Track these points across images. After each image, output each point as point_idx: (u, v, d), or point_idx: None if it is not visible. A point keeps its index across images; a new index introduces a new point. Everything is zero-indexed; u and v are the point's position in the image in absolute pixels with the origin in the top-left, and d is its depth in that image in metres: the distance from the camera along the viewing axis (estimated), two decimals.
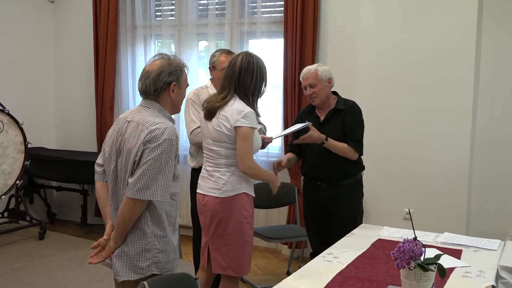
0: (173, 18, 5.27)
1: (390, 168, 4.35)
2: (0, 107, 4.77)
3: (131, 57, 5.46)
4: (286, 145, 4.52)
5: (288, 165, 3.46)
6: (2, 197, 4.80)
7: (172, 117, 2.31)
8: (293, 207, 4.55)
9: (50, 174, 5.46)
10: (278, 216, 4.82)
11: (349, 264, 2.40)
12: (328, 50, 4.54)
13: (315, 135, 3.16)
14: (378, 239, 2.82)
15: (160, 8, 5.32)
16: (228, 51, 3.50)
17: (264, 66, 2.88)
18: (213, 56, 3.50)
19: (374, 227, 3.12)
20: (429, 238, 2.83)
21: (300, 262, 4.44)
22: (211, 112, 2.84)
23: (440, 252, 1.99)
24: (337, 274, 2.26)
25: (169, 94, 2.26)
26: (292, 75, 4.50)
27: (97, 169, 2.37)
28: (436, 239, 2.83)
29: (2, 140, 4.74)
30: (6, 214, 5.31)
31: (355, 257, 2.49)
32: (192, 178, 3.52)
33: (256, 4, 4.81)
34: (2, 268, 4.33)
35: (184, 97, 2.39)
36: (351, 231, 3.01)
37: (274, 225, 4.67)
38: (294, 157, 3.45)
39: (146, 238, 2.20)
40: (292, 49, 4.50)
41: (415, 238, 1.85)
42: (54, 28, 5.97)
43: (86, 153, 5.56)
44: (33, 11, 5.76)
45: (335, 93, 3.39)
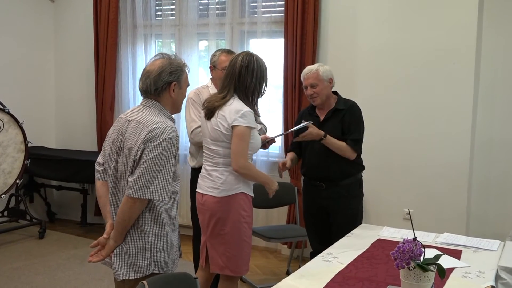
0: (174, 18, 5.27)
1: (390, 168, 4.35)
2: (1, 106, 4.77)
3: (132, 57, 5.46)
4: (286, 145, 4.53)
5: (291, 165, 3.46)
6: (2, 196, 4.80)
7: (173, 117, 2.31)
8: (293, 207, 4.55)
9: (50, 173, 5.46)
10: (278, 216, 4.82)
11: (349, 264, 2.40)
12: (329, 50, 4.54)
13: (314, 132, 3.17)
14: (378, 239, 2.82)
15: (161, 8, 5.32)
16: (229, 51, 3.51)
17: (265, 66, 2.88)
18: (214, 56, 3.51)
19: (374, 227, 3.12)
20: (429, 239, 2.83)
21: (300, 262, 4.44)
22: (211, 112, 2.84)
23: (440, 253, 1.99)
24: (337, 274, 2.26)
25: (170, 94, 2.26)
26: (293, 75, 4.50)
27: (98, 168, 2.37)
28: (436, 240, 2.83)
29: (2, 139, 4.74)
30: (6, 213, 5.32)
31: (355, 257, 2.49)
32: (192, 178, 3.52)
33: (257, 4, 4.81)
34: (2, 267, 4.33)
35: (185, 97, 2.39)
36: (351, 231, 3.01)
37: (274, 225, 4.67)
38: (295, 157, 3.46)
39: (146, 237, 2.20)
40: (293, 49, 4.50)
41: (415, 238, 1.85)
42: (55, 28, 5.97)
43: (86, 153, 5.56)
44: (33, 11, 5.76)
45: (336, 93, 3.39)
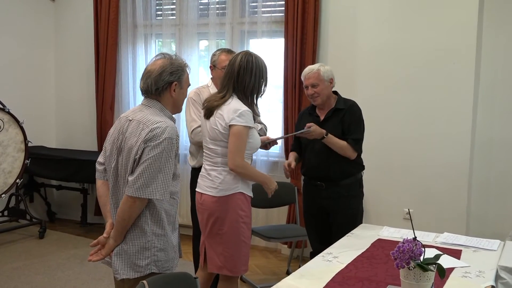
0: (174, 18, 5.27)
1: (390, 168, 4.35)
2: (1, 106, 4.77)
3: (132, 56, 5.44)
4: (286, 145, 4.53)
5: (295, 165, 3.44)
6: (2, 196, 4.80)
7: (173, 117, 2.31)
8: (293, 207, 4.55)
9: (50, 173, 5.46)
10: (278, 216, 4.82)
11: (349, 264, 2.40)
12: (329, 50, 4.54)
13: (317, 131, 3.16)
14: (378, 239, 2.82)
15: (161, 7, 5.32)
16: (229, 50, 3.51)
17: (264, 66, 2.86)
18: (214, 55, 3.51)
19: (374, 227, 3.12)
20: (429, 238, 2.83)
21: (300, 262, 4.44)
22: (210, 111, 2.84)
23: (440, 252, 1.99)
24: (337, 274, 2.26)
25: (171, 94, 2.26)
26: (293, 75, 4.50)
27: (98, 168, 2.38)
28: (436, 239, 2.83)
29: (3, 139, 4.74)
30: (6, 213, 5.32)
31: (355, 257, 2.50)
32: (192, 178, 3.52)
33: (257, 4, 4.81)
34: (2, 267, 4.33)
35: (186, 97, 2.39)
36: (351, 231, 3.01)
37: (274, 225, 4.67)
38: (297, 156, 3.45)
39: (146, 237, 2.20)
40: (293, 49, 4.50)
41: (415, 238, 1.85)
42: (55, 27, 5.97)
43: (86, 152, 5.56)
44: (34, 10, 5.76)
45: (336, 93, 3.39)
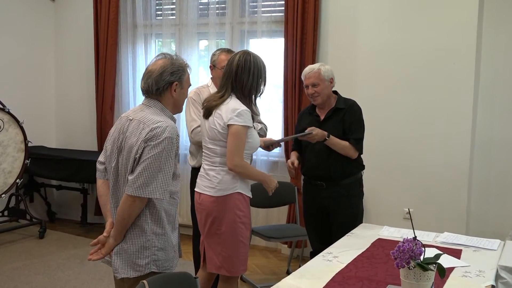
0: (174, 17, 5.27)
1: (390, 168, 4.36)
2: (1, 106, 4.77)
3: (132, 56, 5.44)
4: (286, 145, 4.53)
5: (298, 163, 3.44)
6: (2, 196, 4.80)
7: (174, 116, 2.32)
8: (293, 207, 4.55)
9: (50, 173, 5.46)
10: (278, 216, 4.82)
11: (349, 264, 2.40)
12: (329, 50, 4.54)
13: (319, 134, 3.15)
14: (378, 239, 2.82)
15: (161, 7, 5.32)
16: (229, 50, 3.51)
17: (263, 65, 2.85)
18: (214, 55, 3.51)
19: (374, 227, 3.12)
20: (429, 238, 2.83)
21: (300, 262, 4.45)
22: (209, 111, 2.84)
23: (440, 252, 1.99)
24: (337, 274, 2.26)
25: (171, 94, 2.26)
26: (293, 75, 4.50)
27: (99, 167, 2.38)
28: (436, 239, 2.83)
29: (3, 139, 4.74)
30: (6, 213, 5.32)
31: (355, 257, 2.50)
32: (192, 177, 3.52)
33: (257, 4, 4.81)
34: (2, 267, 4.33)
35: (186, 97, 2.40)
36: (351, 231, 3.01)
37: (274, 224, 4.67)
38: (298, 156, 3.45)
39: (145, 236, 2.20)
40: (293, 49, 4.50)
41: (415, 238, 1.85)
42: (55, 27, 5.97)
43: (86, 152, 5.56)
44: (34, 10, 5.76)
45: (336, 92, 3.39)
